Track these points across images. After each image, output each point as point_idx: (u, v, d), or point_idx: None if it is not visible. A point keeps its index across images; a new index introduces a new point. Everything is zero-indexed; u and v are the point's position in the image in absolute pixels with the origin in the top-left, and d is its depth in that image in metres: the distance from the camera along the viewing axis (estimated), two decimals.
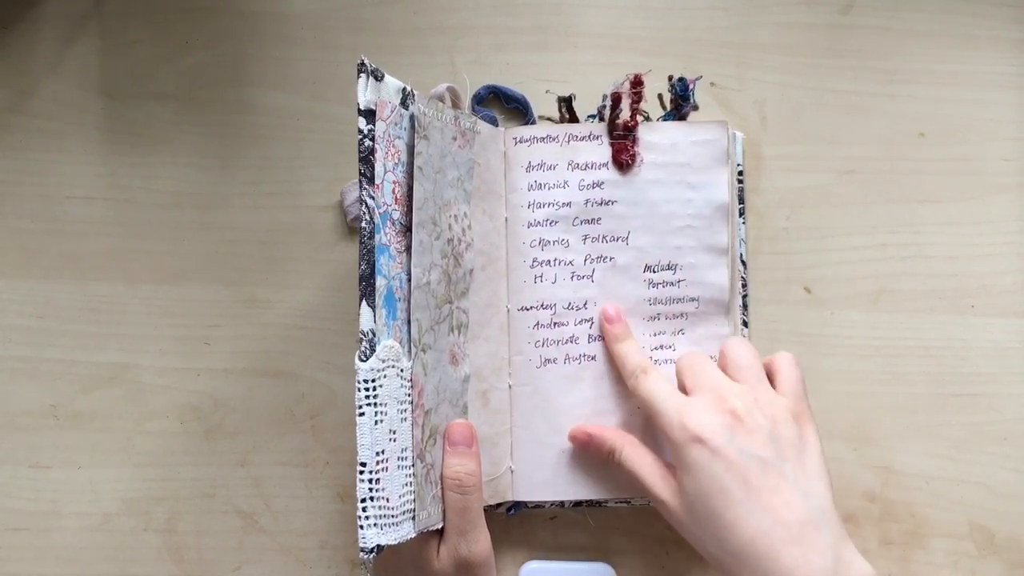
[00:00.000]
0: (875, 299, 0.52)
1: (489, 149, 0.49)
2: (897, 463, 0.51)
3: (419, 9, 0.53)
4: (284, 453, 0.51)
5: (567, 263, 0.49)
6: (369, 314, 0.39)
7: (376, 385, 0.39)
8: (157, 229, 0.52)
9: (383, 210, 0.40)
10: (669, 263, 0.49)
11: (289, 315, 0.51)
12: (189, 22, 0.53)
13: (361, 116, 0.40)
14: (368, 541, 0.37)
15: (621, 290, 0.49)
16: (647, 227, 0.49)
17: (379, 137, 0.40)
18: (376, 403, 0.39)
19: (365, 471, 0.38)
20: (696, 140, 0.49)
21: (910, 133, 0.53)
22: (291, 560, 0.51)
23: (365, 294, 0.39)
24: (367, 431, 0.38)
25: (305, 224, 0.52)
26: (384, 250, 0.40)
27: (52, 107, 0.52)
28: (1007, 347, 0.52)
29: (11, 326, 0.51)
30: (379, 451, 0.38)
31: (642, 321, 0.49)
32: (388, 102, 0.41)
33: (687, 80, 0.50)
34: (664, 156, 0.49)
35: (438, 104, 0.45)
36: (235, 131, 0.52)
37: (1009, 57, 0.53)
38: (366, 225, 0.39)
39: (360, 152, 0.40)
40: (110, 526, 0.50)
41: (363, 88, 0.40)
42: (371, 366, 0.39)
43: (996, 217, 0.52)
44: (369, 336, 0.39)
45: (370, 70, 0.40)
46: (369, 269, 0.39)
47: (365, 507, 0.38)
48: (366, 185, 0.40)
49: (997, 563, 0.51)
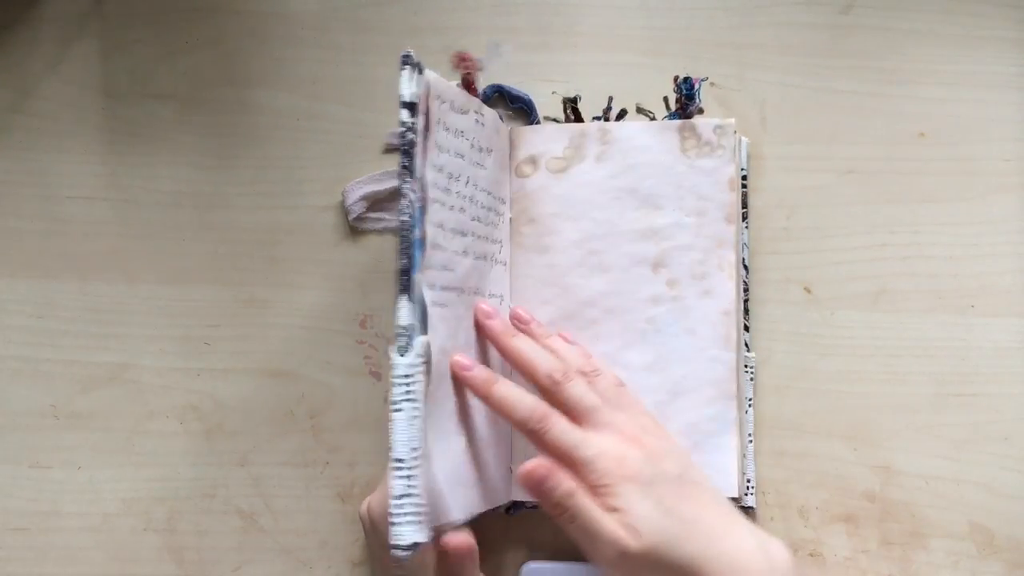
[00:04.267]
0: (875, 299, 0.52)
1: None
2: (897, 463, 0.51)
3: (419, 9, 0.53)
4: (284, 453, 0.51)
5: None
6: (408, 309, 0.39)
7: (414, 381, 0.38)
8: (157, 229, 0.52)
9: (419, 204, 0.40)
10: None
11: (289, 315, 0.51)
12: (189, 22, 0.53)
13: (404, 108, 0.39)
14: (406, 538, 0.37)
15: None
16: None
17: (419, 131, 0.40)
18: (414, 399, 0.38)
19: (403, 467, 0.37)
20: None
21: (910, 133, 0.53)
22: (291, 560, 0.51)
23: (405, 288, 0.39)
24: (404, 427, 0.38)
25: (305, 224, 0.52)
26: (419, 244, 0.40)
27: (52, 107, 0.52)
28: (1007, 347, 0.52)
29: (11, 326, 0.51)
30: (414, 447, 0.38)
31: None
32: (424, 95, 0.40)
33: (692, 80, 0.50)
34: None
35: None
36: (235, 131, 0.52)
37: (1009, 57, 0.53)
38: (408, 218, 0.39)
39: (402, 145, 0.39)
40: (110, 526, 0.50)
41: (407, 81, 0.39)
42: (409, 361, 0.38)
43: (996, 217, 0.52)
44: (408, 331, 0.39)
45: (414, 63, 0.40)
46: (408, 263, 0.39)
47: (402, 504, 0.37)
48: (408, 179, 0.39)
49: (997, 563, 0.51)
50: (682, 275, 0.49)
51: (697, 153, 0.49)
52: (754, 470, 0.50)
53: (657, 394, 0.48)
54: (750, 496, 0.50)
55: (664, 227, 0.49)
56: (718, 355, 0.48)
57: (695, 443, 0.48)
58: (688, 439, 0.48)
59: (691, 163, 0.49)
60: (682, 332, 0.49)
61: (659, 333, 0.49)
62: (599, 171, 0.50)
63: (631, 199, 0.49)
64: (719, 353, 0.48)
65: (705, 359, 0.49)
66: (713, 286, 0.49)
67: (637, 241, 0.49)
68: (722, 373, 0.48)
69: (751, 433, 0.50)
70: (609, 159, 0.50)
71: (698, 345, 0.49)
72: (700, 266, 0.49)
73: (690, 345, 0.49)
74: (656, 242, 0.49)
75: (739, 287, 0.49)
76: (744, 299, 0.50)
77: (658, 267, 0.49)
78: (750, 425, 0.50)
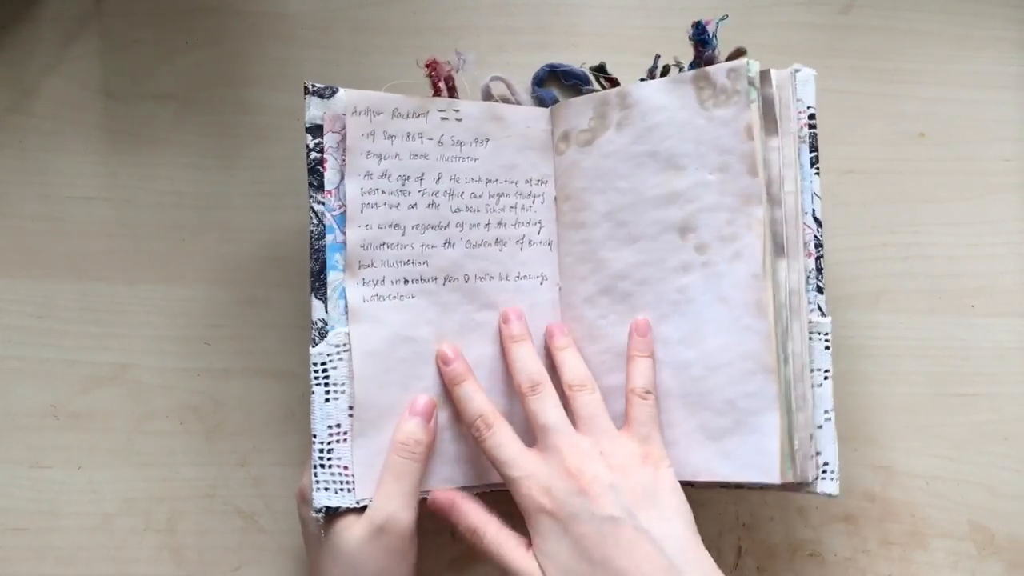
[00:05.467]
0: (875, 299, 0.52)
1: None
2: (897, 463, 0.51)
3: (419, 9, 0.53)
4: (284, 453, 0.51)
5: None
6: (320, 306, 0.44)
7: (327, 367, 0.44)
8: (157, 229, 0.52)
9: (336, 212, 0.45)
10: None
11: (289, 315, 0.51)
12: (189, 22, 0.53)
13: (307, 132, 0.44)
14: (318, 502, 0.43)
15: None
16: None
17: (329, 148, 0.45)
18: (328, 383, 0.44)
19: (316, 441, 0.43)
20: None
21: (910, 133, 0.53)
22: (291, 560, 0.51)
23: (315, 288, 0.44)
24: (318, 406, 0.44)
25: (305, 224, 0.52)
26: (338, 248, 0.44)
27: (52, 107, 0.52)
28: (1007, 347, 0.52)
29: (11, 326, 0.51)
30: (329, 424, 0.44)
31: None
32: (339, 115, 0.45)
33: (703, 23, 0.45)
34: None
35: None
36: (235, 131, 0.52)
37: (1009, 57, 0.53)
38: (314, 228, 0.44)
39: (307, 164, 0.44)
40: (110, 526, 0.50)
41: (308, 107, 0.44)
42: (319, 351, 0.44)
43: (996, 217, 0.52)
44: (320, 325, 0.44)
45: (314, 90, 0.44)
46: (319, 267, 0.44)
47: (316, 473, 0.43)
48: (314, 193, 0.44)
49: (997, 563, 0.51)
50: (711, 239, 0.45)
51: (714, 103, 0.45)
52: (835, 451, 0.44)
53: (694, 369, 0.45)
54: (827, 480, 0.44)
55: (687, 188, 0.45)
56: (752, 324, 0.44)
57: (736, 422, 0.44)
58: (728, 419, 0.44)
59: (709, 115, 0.45)
60: (715, 300, 0.45)
61: (692, 303, 0.45)
62: (621, 138, 0.47)
63: (653, 163, 0.46)
64: (752, 322, 0.44)
65: (739, 328, 0.44)
66: (743, 248, 0.44)
67: (662, 207, 0.46)
68: (757, 344, 0.43)
69: (828, 409, 0.45)
70: (630, 124, 0.47)
71: (732, 314, 0.44)
72: (729, 227, 0.44)
73: (724, 314, 0.44)
74: (681, 205, 0.45)
75: (766, 246, 0.44)
76: (818, 256, 0.45)
77: (686, 232, 0.45)
78: (829, 400, 0.45)
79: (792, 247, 0.44)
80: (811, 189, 0.45)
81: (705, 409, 0.44)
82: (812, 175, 0.45)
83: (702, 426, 0.45)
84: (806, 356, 0.44)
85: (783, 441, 0.43)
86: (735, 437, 0.44)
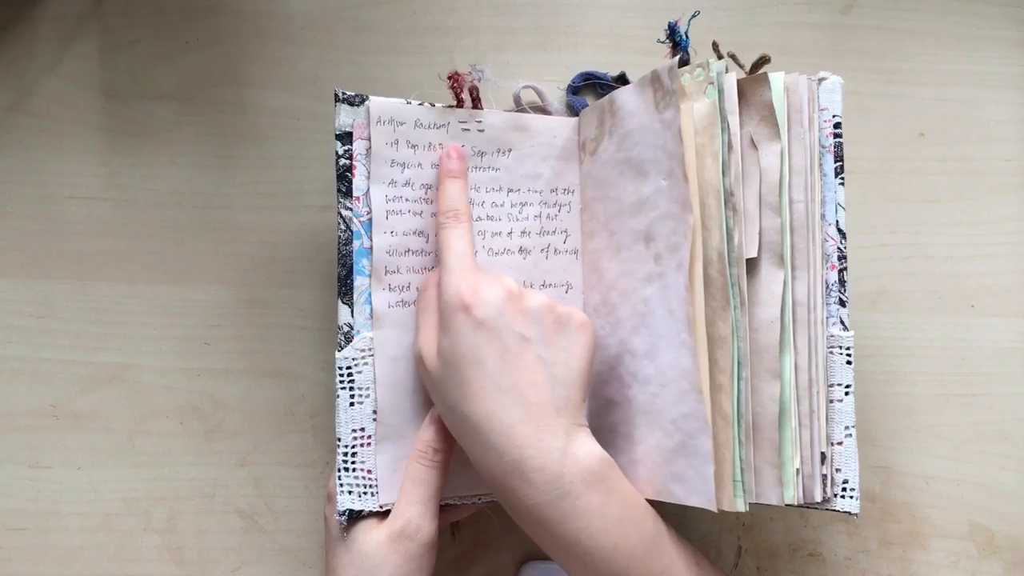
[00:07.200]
0: (875, 299, 0.52)
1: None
2: (897, 463, 0.51)
3: (419, 9, 0.53)
4: (284, 453, 0.51)
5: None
6: (346, 311, 0.44)
7: (353, 371, 0.44)
8: (157, 229, 0.52)
9: (364, 219, 0.45)
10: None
11: (289, 315, 0.51)
12: (189, 22, 0.53)
13: (337, 139, 0.44)
14: (342, 505, 0.43)
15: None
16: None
17: (358, 155, 0.45)
18: (353, 387, 0.44)
19: (341, 445, 0.44)
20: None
21: (910, 133, 0.53)
22: (291, 560, 0.51)
23: (341, 293, 0.44)
24: (343, 410, 0.44)
25: (305, 224, 0.52)
26: (365, 254, 0.45)
27: (52, 107, 0.52)
28: (1007, 347, 0.52)
29: (11, 326, 0.51)
30: (354, 428, 0.44)
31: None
32: (366, 123, 0.45)
33: (674, 23, 0.44)
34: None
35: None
36: (235, 131, 0.52)
37: (1009, 57, 0.53)
38: (342, 234, 0.44)
39: (336, 170, 0.45)
40: (110, 526, 0.50)
41: (336, 114, 0.44)
42: (345, 355, 0.44)
43: (996, 217, 0.52)
44: (346, 329, 0.44)
45: (344, 97, 0.44)
46: (346, 271, 0.44)
47: (340, 476, 0.43)
48: (341, 198, 0.44)
49: (997, 563, 0.51)
50: (663, 248, 0.42)
51: (664, 105, 0.42)
52: (856, 469, 0.42)
53: (652, 385, 0.43)
54: (848, 499, 0.42)
55: (649, 196, 0.43)
56: (687, 339, 0.41)
57: (680, 444, 0.41)
58: (674, 440, 0.41)
59: (662, 118, 0.43)
60: (666, 313, 0.42)
61: (652, 315, 0.43)
62: (612, 146, 0.46)
63: (629, 170, 0.45)
64: (687, 338, 0.41)
65: (678, 344, 0.41)
66: (683, 258, 0.41)
67: (635, 215, 0.44)
68: (689, 362, 0.41)
69: (849, 426, 0.42)
70: (616, 131, 0.46)
71: (674, 328, 0.42)
72: (674, 235, 0.42)
73: (671, 328, 0.42)
74: (645, 214, 0.44)
75: (694, 255, 0.41)
76: (841, 268, 0.42)
77: (649, 241, 0.43)
78: (851, 415, 0.42)
79: (799, 258, 0.42)
80: (835, 200, 0.43)
81: (659, 428, 0.42)
82: (837, 185, 0.43)
83: (658, 446, 0.43)
84: (815, 371, 0.42)
85: (720, 466, 0.40)
86: (682, 459, 0.41)
